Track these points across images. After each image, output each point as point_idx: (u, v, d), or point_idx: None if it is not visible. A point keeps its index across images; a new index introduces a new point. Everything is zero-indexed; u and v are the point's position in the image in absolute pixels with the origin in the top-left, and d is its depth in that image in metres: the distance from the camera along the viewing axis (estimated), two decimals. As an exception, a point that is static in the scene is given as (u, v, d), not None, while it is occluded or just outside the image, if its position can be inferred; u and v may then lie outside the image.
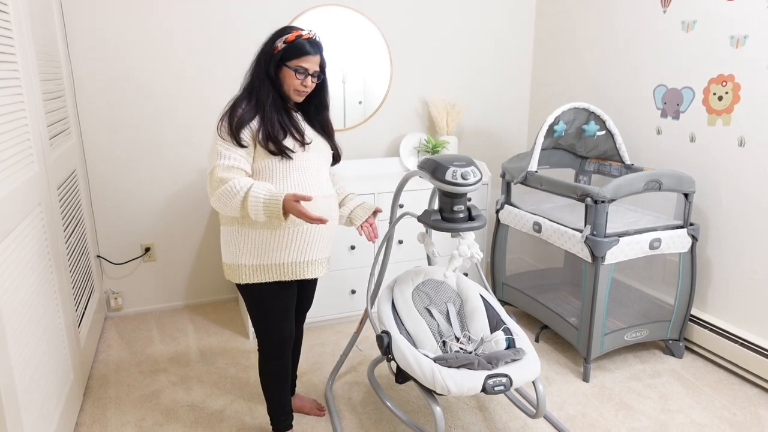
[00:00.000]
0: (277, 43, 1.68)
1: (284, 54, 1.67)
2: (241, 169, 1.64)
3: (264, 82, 1.68)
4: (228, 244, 1.76)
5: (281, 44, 1.67)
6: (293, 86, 1.70)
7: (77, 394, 2.18)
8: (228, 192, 1.60)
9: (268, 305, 1.79)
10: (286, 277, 1.76)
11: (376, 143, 3.38)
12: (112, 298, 3.05)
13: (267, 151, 1.66)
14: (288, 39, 1.67)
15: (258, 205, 1.57)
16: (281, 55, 1.67)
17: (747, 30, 2.31)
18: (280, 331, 1.82)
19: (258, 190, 1.58)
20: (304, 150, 1.72)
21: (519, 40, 3.56)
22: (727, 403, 2.26)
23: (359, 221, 1.94)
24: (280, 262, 1.74)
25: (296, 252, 1.75)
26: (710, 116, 2.50)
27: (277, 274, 1.75)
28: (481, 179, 1.72)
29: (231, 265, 1.76)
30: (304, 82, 1.69)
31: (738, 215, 2.43)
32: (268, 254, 1.72)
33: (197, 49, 2.90)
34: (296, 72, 1.67)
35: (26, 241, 1.72)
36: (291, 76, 1.68)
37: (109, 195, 2.94)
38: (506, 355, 1.73)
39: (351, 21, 3.13)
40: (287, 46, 1.67)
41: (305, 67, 1.68)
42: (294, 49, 1.66)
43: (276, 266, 1.74)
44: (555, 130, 2.74)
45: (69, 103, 2.62)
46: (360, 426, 2.12)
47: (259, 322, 1.82)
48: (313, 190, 1.73)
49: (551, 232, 2.52)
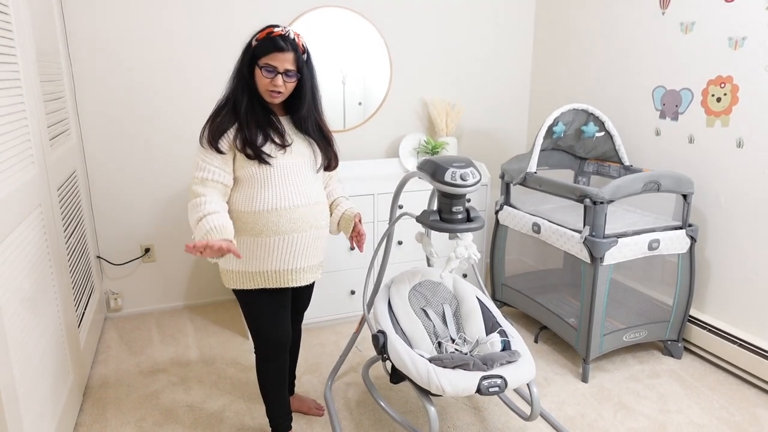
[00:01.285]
0: (252, 41, 1.65)
1: (254, 51, 1.62)
2: (216, 181, 1.63)
3: (240, 84, 1.65)
4: None
5: (254, 42, 1.63)
6: (263, 85, 1.63)
7: (77, 394, 2.18)
8: (193, 207, 1.60)
9: (259, 310, 1.78)
10: (272, 284, 1.74)
11: (375, 144, 3.39)
12: (112, 298, 3.05)
13: (245, 157, 1.63)
14: (259, 37, 1.63)
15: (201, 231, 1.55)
16: (252, 53, 1.63)
17: (746, 32, 2.32)
18: (274, 333, 1.81)
19: (210, 221, 1.55)
20: (284, 153, 1.68)
21: (518, 41, 3.57)
22: (725, 403, 2.26)
23: (347, 233, 1.88)
24: (264, 270, 1.72)
25: (279, 260, 1.72)
26: (709, 117, 2.50)
27: (262, 281, 1.73)
28: (480, 180, 1.73)
29: (222, 269, 1.77)
30: (274, 81, 1.61)
31: (736, 216, 2.44)
32: (252, 262, 1.71)
33: (198, 51, 2.91)
34: (264, 70, 1.61)
35: (26, 242, 1.72)
36: (260, 76, 1.62)
37: (109, 196, 2.95)
38: (501, 357, 1.73)
39: (351, 22, 3.14)
40: (257, 44, 1.61)
41: (273, 65, 1.60)
42: (263, 46, 1.60)
43: (261, 274, 1.73)
44: (554, 131, 2.75)
45: (69, 104, 2.63)
46: (359, 426, 2.12)
47: (253, 326, 1.81)
48: (297, 198, 1.69)
49: (550, 233, 2.53)
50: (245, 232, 1.69)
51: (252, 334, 1.83)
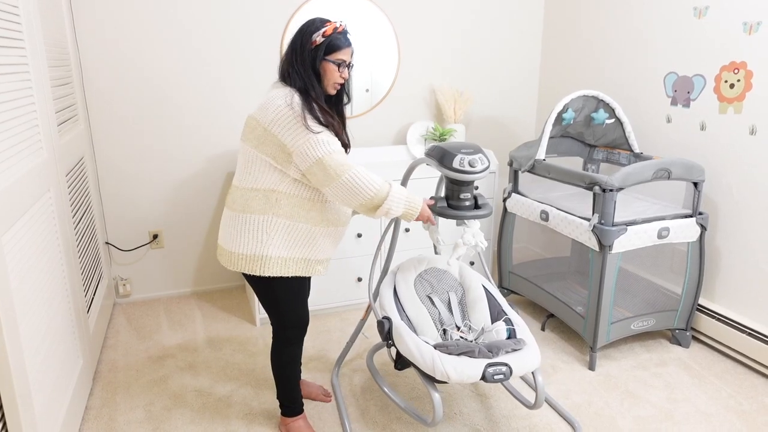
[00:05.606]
0: (315, 37, 1.66)
1: (326, 48, 1.67)
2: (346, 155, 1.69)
3: (312, 79, 1.68)
4: (251, 232, 1.69)
5: (320, 38, 1.65)
6: (333, 80, 1.70)
7: (87, 379, 2.21)
8: (358, 180, 1.62)
9: (294, 295, 1.82)
10: (311, 272, 1.79)
11: (383, 131, 3.37)
12: (121, 284, 3.07)
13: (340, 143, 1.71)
14: (326, 33, 1.66)
15: (400, 204, 1.68)
16: (324, 50, 1.66)
17: (761, 16, 2.27)
18: (304, 318, 1.87)
19: (396, 187, 1.68)
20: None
21: (527, 27, 3.52)
22: (733, 392, 2.25)
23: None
24: (314, 258, 1.78)
25: (328, 250, 1.81)
26: (721, 104, 2.47)
27: (303, 269, 1.77)
28: (488, 167, 1.72)
29: (251, 255, 1.70)
30: (342, 75, 1.71)
31: (748, 204, 2.41)
32: (304, 249, 1.74)
33: (206, 36, 2.89)
34: (338, 66, 1.69)
35: (36, 227, 1.73)
36: (332, 70, 1.69)
37: (117, 182, 2.96)
38: (507, 345, 1.73)
39: (359, 7, 3.11)
40: (326, 41, 1.66)
41: (344, 59, 1.69)
42: (335, 42, 1.67)
43: (307, 261, 1.77)
44: (563, 118, 2.72)
45: (77, 89, 2.63)
46: (365, 413, 2.13)
47: (283, 311, 1.83)
48: None
49: (558, 221, 2.51)
50: (304, 219, 1.72)
51: (279, 320, 1.85)
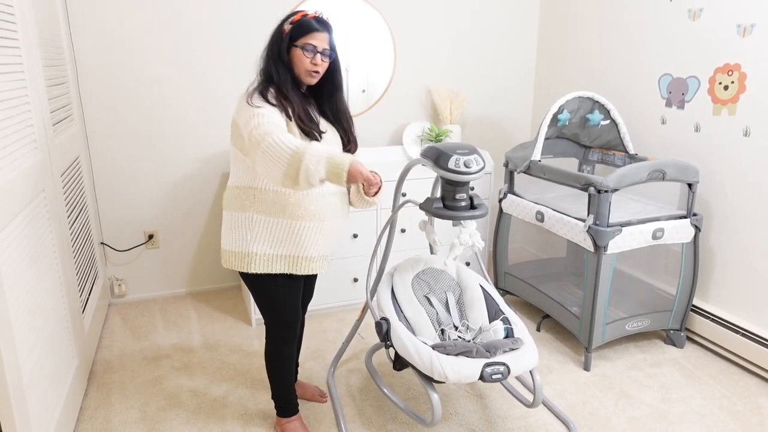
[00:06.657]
0: (285, 26, 1.67)
1: (292, 34, 1.65)
2: (283, 129, 1.56)
3: (279, 67, 1.67)
4: (237, 230, 1.72)
5: (288, 26, 1.67)
6: (304, 66, 1.67)
7: (81, 380, 2.20)
8: (276, 145, 1.46)
9: (281, 294, 1.79)
10: (296, 269, 1.75)
11: (379, 132, 3.37)
12: (116, 284, 3.06)
13: (300, 132, 1.63)
14: (294, 20, 1.67)
15: (320, 161, 1.45)
16: (289, 36, 1.66)
17: (754, 18, 2.29)
18: (293, 317, 1.84)
19: (317, 145, 1.53)
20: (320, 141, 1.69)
21: (523, 28, 3.53)
22: (727, 393, 2.27)
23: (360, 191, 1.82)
24: (296, 254, 1.73)
25: (312, 246, 1.74)
26: (715, 106, 2.48)
27: (288, 266, 1.74)
28: (484, 168, 1.72)
29: (238, 252, 1.72)
30: (313, 60, 1.66)
31: (742, 205, 2.42)
32: (285, 245, 1.71)
33: (202, 37, 2.89)
34: (304, 49, 1.64)
35: (30, 227, 1.72)
36: (300, 56, 1.66)
37: (113, 182, 2.95)
38: (504, 344, 1.73)
39: (355, 8, 3.11)
40: (294, 26, 1.66)
41: (313, 44, 1.65)
42: (300, 28, 1.65)
43: (290, 258, 1.73)
44: (559, 119, 2.73)
45: (72, 89, 2.61)
46: (361, 413, 2.13)
47: (272, 311, 1.82)
48: (333, 185, 1.69)
49: (554, 222, 2.52)
50: (283, 214, 1.68)
51: (268, 319, 1.85)
